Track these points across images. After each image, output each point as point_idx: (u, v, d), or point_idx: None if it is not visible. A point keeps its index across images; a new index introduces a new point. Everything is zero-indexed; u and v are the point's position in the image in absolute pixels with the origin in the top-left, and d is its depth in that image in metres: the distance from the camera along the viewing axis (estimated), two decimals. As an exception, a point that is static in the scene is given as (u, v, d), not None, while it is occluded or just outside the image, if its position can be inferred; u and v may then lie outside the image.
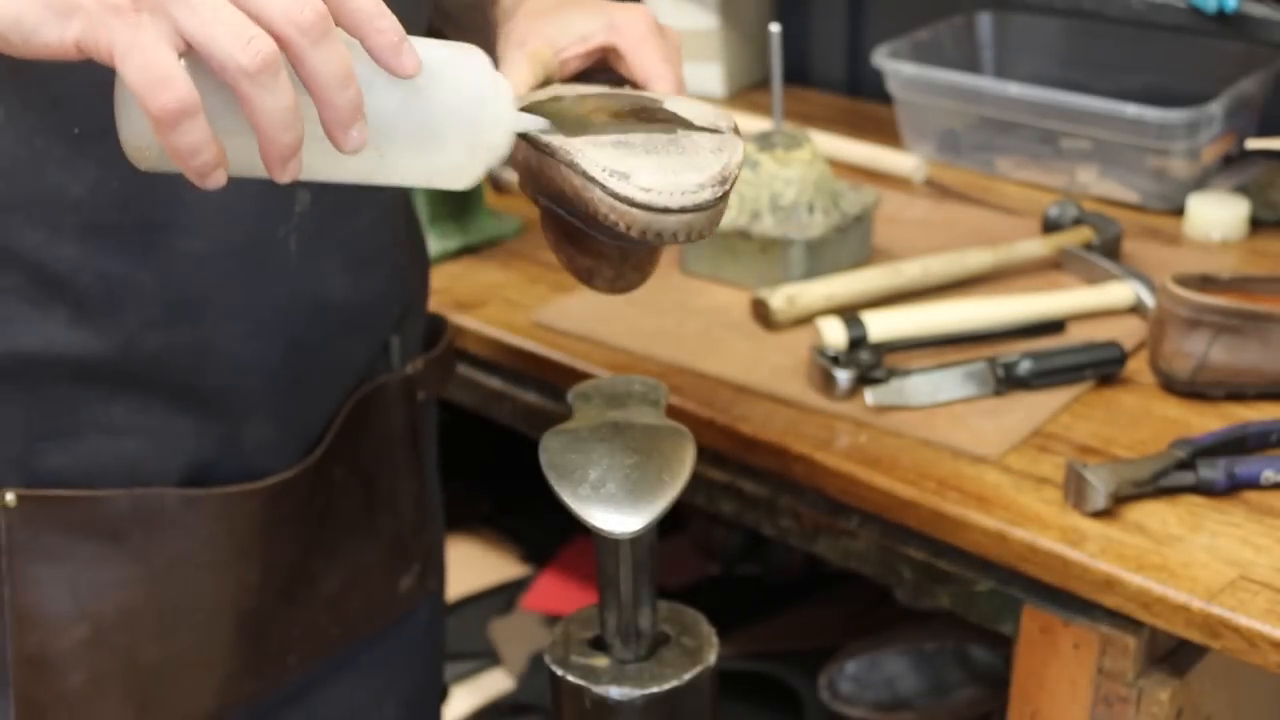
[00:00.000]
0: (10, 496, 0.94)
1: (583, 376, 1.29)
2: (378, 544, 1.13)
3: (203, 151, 0.68)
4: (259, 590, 1.03)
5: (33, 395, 0.93)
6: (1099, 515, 1.12)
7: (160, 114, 0.66)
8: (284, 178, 0.70)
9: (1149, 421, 1.24)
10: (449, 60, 0.76)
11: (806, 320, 1.38)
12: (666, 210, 0.79)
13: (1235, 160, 1.65)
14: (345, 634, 1.12)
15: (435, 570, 1.22)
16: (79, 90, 0.86)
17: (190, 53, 0.67)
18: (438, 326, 1.21)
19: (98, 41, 0.67)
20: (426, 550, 1.19)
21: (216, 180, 0.69)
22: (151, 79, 0.66)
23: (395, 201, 1.09)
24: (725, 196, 0.80)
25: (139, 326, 0.93)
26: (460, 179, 0.79)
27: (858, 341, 1.32)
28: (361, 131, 0.71)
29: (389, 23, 0.71)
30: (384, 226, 1.06)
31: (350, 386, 1.07)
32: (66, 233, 0.90)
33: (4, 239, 0.89)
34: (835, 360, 1.28)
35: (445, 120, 0.76)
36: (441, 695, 1.34)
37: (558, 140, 0.82)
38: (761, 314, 1.40)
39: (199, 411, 0.97)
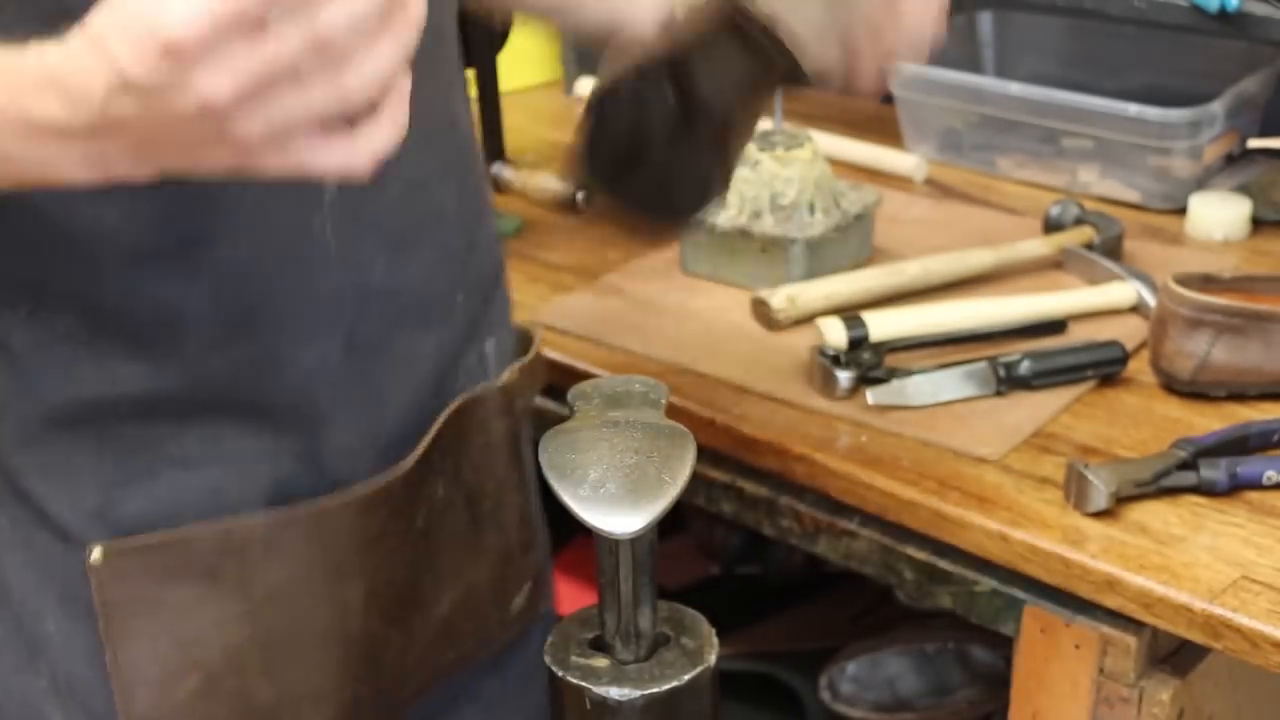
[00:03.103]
0: (96, 553, 0.91)
1: (583, 376, 1.29)
2: (486, 562, 1.09)
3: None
4: (364, 613, 1.00)
5: (101, 441, 0.91)
6: (1100, 515, 1.12)
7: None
8: None
9: (1150, 421, 1.24)
10: None
11: (807, 320, 1.38)
12: None
13: (1237, 159, 1.65)
14: (460, 658, 1.08)
15: (546, 591, 1.19)
16: None
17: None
18: (525, 336, 1.18)
19: (268, 169, 0.70)
20: (537, 568, 1.16)
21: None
22: (352, 169, 0.70)
23: (425, 176, 1.04)
24: None
25: (198, 349, 0.91)
26: None
27: (858, 341, 1.32)
28: None
29: None
30: (416, 200, 1.01)
31: (427, 388, 1.03)
32: (109, 264, 0.88)
33: (48, 281, 0.87)
34: (836, 360, 1.27)
35: None
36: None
37: None
38: (762, 314, 1.39)
39: (271, 428, 0.95)
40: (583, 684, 0.94)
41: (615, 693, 0.93)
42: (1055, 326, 1.36)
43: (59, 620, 0.95)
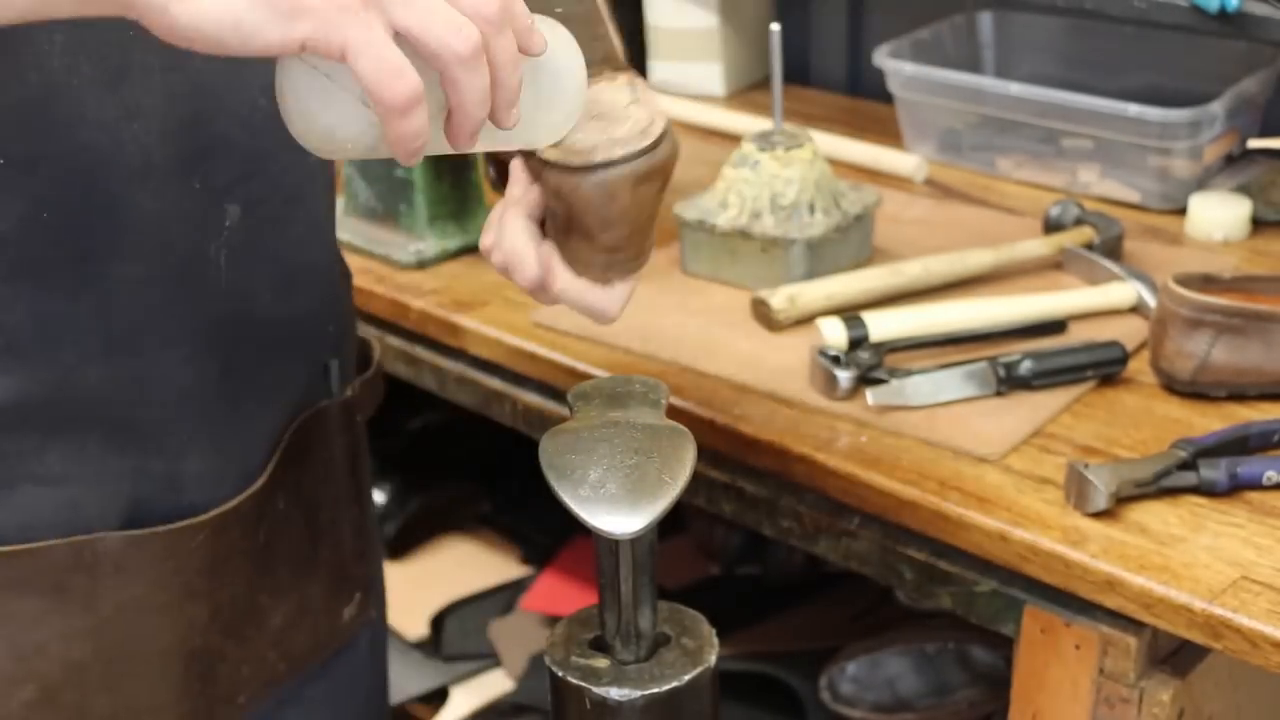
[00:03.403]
0: None
1: (583, 376, 1.29)
2: (321, 574, 1.10)
3: (423, 133, 0.72)
4: (206, 630, 1.00)
5: None
6: (1100, 515, 1.12)
7: (395, 102, 0.70)
8: (468, 147, 0.77)
9: (1150, 422, 1.24)
10: (551, 39, 0.83)
11: (807, 320, 1.38)
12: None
13: (1237, 160, 1.65)
14: (291, 669, 1.09)
15: (376, 598, 1.20)
16: (2, 117, 0.83)
17: (397, 39, 0.71)
18: (366, 349, 1.18)
19: (329, 40, 0.69)
20: (367, 578, 1.17)
21: (419, 158, 0.74)
22: (388, 73, 0.70)
23: (328, 218, 1.06)
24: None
25: (76, 363, 0.90)
26: (553, 136, 0.87)
27: (858, 341, 1.32)
28: (518, 109, 0.77)
29: (522, 7, 0.76)
30: (315, 241, 1.04)
31: (287, 411, 1.04)
32: None
33: None
34: (836, 360, 1.27)
35: (552, 89, 0.84)
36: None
37: None
38: (762, 314, 1.39)
39: (136, 448, 0.94)
40: (583, 684, 0.94)
41: (615, 693, 0.93)
42: (1055, 327, 1.36)
43: None
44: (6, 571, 0.91)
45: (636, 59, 1.93)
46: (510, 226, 0.97)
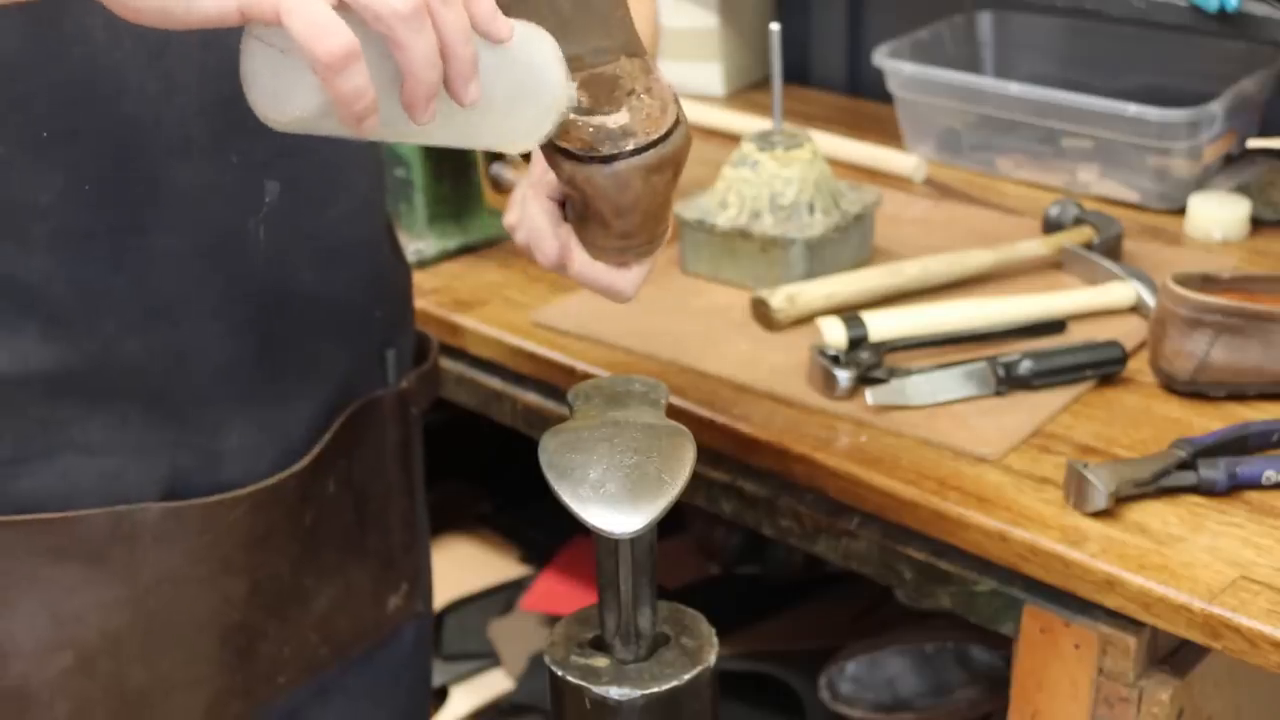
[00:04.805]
0: None
1: (583, 376, 1.29)
2: (368, 562, 1.11)
3: (365, 93, 0.71)
4: (246, 606, 1.01)
5: (5, 418, 0.91)
6: (1100, 515, 1.12)
7: (329, 59, 0.69)
8: (424, 118, 0.74)
9: (1150, 421, 1.24)
10: (523, 32, 0.82)
11: (807, 320, 1.38)
12: None
13: (1236, 160, 1.65)
14: (334, 654, 1.10)
15: (423, 592, 1.20)
16: (42, 92, 0.85)
17: (340, 8, 0.71)
18: (425, 342, 1.19)
19: (261, 5, 0.69)
20: (415, 570, 1.18)
21: (371, 126, 0.73)
22: (318, 29, 0.69)
23: (372, 201, 1.07)
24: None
25: (116, 334, 0.91)
26: (529, 140, 0.87)
27: (858, 341, 1.32)
28: (477, 86, 0.75)
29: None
30: (359, 222, 1.05)
31: (332, 394, 1.05)
32: (36, 242, 0.88)
33: None
34: (835, 360, 1.27)
35: (524, 83, 0.83)
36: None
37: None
38: (761, 314, 1.39)
39: (177, 420, 0.96)
40: (583, 684, 0.94)
41: (615, 693, 0.93)
42: (1055, 326, 1.36)
43: None
44: (47, 539, 0.93)
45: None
46: (531, 207, 0.98)
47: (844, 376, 1.26)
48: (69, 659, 0.95)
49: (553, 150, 0.93)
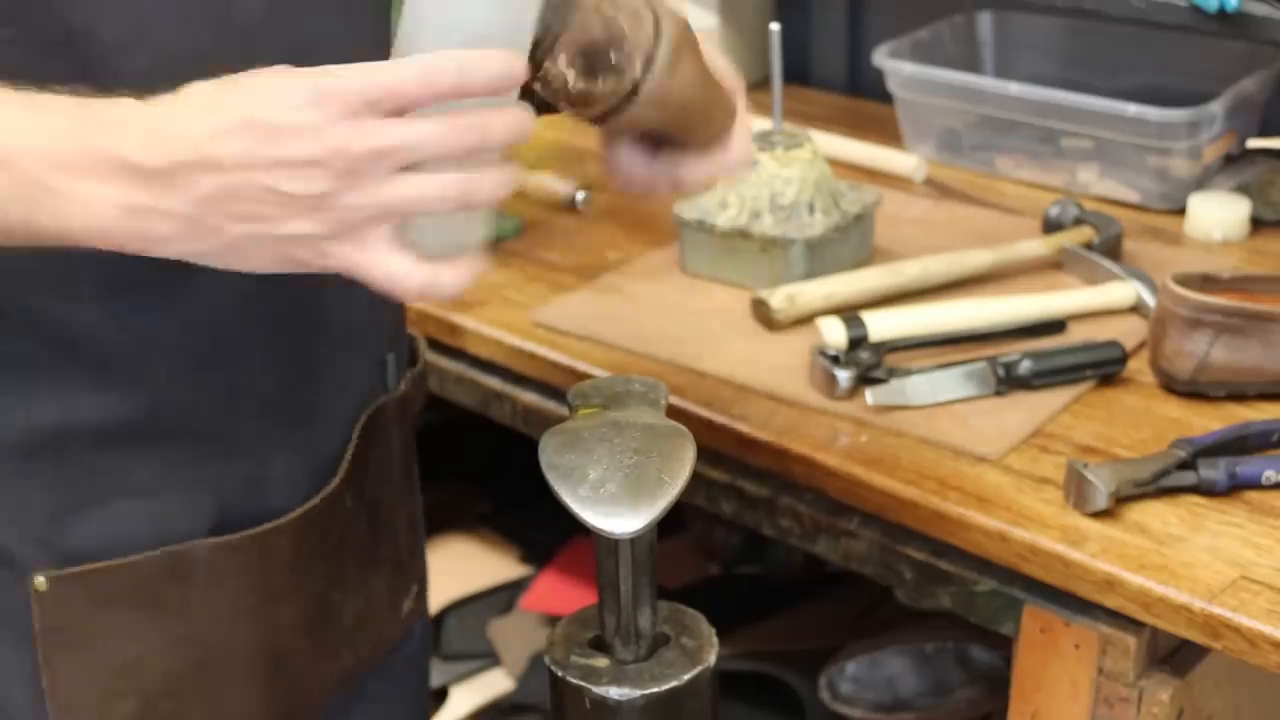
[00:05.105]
0: (40, 580, 0.90)
1: (583, 376, 1.29)
2: (383, 569, 1.10)
3: (466, 281, 0.79)
4: (290, 631, 1.00)
5: (56, 469, 0.90)
6: (1100, 515, 1.12)
7: (421, 298, 0.76)
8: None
9: (1150, 421, 1.24)
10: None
11: (807, 320, 1.38)
12: None
13: (1236, 159, 1.65)
14: (359, 663, 1.09)
15: (424, 591, 1.21)
16: None
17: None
18: (413, 344, 1.18)
19: (326, 264, 0.76)
20: (421, 571, 1.18)
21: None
22: (400, 284, 0.76)
23: None
24: None
25: (168, 380, 0.91)
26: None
27: (858, 341, 1.32)
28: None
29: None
30: None
31: (355, 408, 1.04)
32: (85, 290, 0.87)
33: (17, 302, 0.86)
34: (835, 360, 1.27)
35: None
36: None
37: None
38: (761, 314, 1.39)
39: (223, 454, 0.95)
40: (583, 684, 0.94)
41: (615, 693, 0.93)
42: (1055, 326, 1.36)
43: None
44: (104, 587, 0.91)
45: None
46: (623, 160, 1.01)
47: (844, 376, 1.26)
48: (131, 705, 0.94)
49: (592, 121, 0.95)
